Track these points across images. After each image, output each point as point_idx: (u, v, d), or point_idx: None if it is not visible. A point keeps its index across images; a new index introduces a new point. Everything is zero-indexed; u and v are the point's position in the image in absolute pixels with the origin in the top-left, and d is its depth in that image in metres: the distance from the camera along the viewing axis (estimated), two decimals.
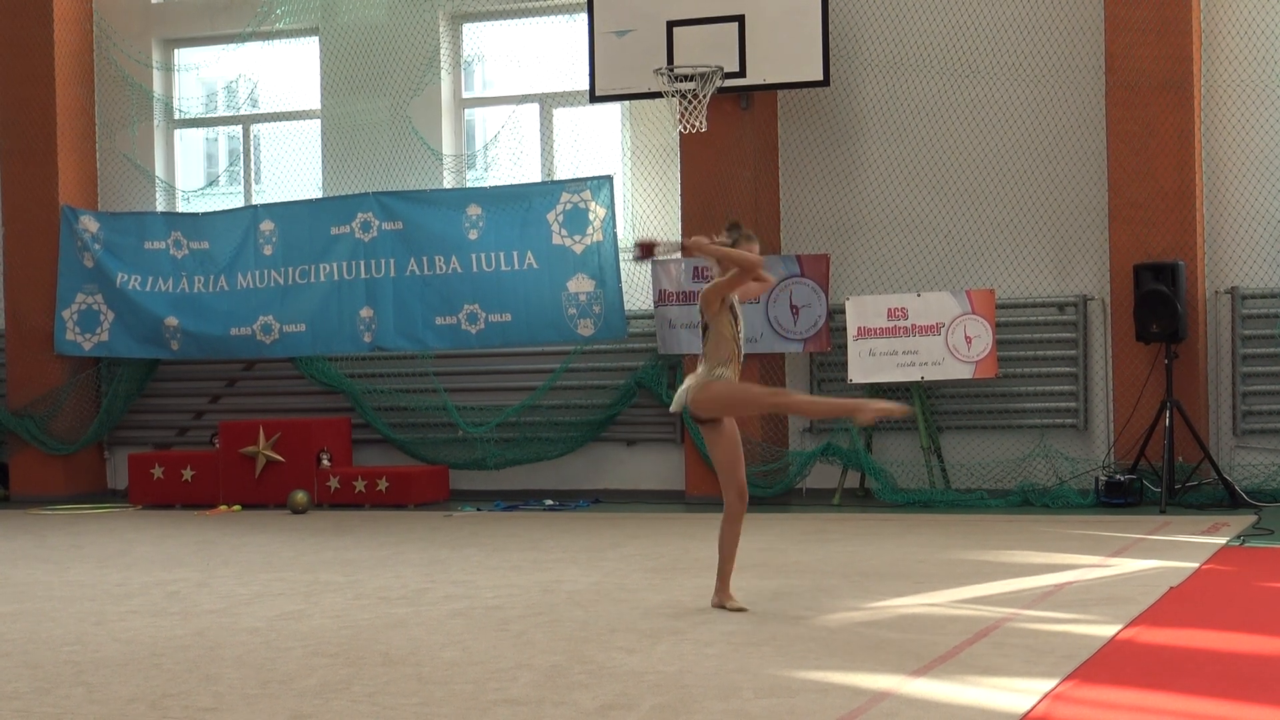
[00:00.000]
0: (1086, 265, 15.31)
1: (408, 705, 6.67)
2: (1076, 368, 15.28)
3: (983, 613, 8.65)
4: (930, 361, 15.02)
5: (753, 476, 15.42)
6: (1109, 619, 8.26)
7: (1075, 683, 6.77)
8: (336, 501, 16.21)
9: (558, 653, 7.77)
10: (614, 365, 16.56)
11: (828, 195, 15.99)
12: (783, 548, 11.95)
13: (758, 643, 7.91)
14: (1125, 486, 14.15)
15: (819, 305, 15.41)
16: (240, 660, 7.80)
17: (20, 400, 18.00)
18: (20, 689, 7.22)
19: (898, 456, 15.53)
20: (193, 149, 19.36)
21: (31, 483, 18.00)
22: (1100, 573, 10.09)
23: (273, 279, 17.07)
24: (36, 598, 10.16)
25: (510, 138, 17.40)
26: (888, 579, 10.04)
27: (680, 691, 6.77)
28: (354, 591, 10.12)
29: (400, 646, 8.06)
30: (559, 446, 16.53)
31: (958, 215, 15.64)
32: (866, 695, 6.58)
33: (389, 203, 16.69)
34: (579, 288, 16.02)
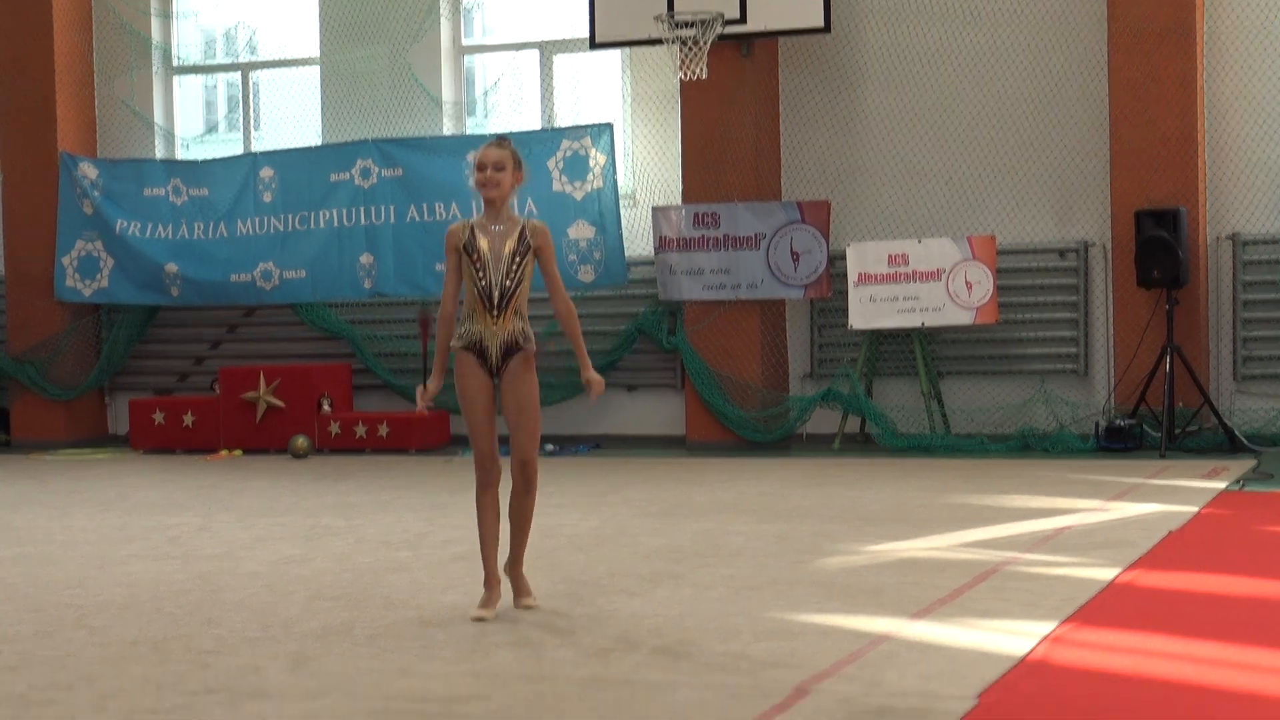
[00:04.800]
0: (1088, 211, 15.28)
1: (409, 648, 6.70)
2: (1077, 313, 15.27)
3: (982, 557, 8.67)
4: (931, 307, 15.01)
5: (754, 422, 15.45)
6: (1108, 563, 8.29)
7: (1074, 625, 6.79)
8: (337, 447, 16.23)
9: (558, 596, 7.79)
10: (615, 311, 16.54)
11: (829, 142, 15.95)
12: (783, 492, 11.97)
13: (758, 586, 7.94)
14: (1125, 431, 14.16)
15: (819, 251, 15.39)
16: (241, 604, 7.83)
17: (21, 346, 18.00)
18: (22, 632, 7.25)
19: (898, 402, 15.54)
20: (192, 96, 19.29)
21: (32, 428, 18.01)
22: (1100, 517, 10.11)
23: (272, 226, 17.05)
24: (38, 542, 10.18)
25: (510, 84, 17.34)
26: (888, 523, 10.07)
27: (680, 634, 6.80)
28: (355, 536, 10.14)
29: (401, 590, 8.09)
30: (559, 392, 16.52)
31: (959, 161, 15.60)
32: (866, 638, 6.60)
33: (389, 150, 16.65)
34: (579, 234, 15.99)
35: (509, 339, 7.40)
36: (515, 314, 7.42)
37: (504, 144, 7.53)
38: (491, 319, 7.38)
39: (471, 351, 7.42)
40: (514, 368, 7.40)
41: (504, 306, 7.38)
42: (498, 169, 7.41)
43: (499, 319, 7.38)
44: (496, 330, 7.39)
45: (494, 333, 7.39)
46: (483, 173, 7.38)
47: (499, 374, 7.42)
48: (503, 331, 7.39)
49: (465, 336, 7.43)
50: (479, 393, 7.40)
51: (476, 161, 7.42)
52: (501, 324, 7.39)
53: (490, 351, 7.40)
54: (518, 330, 7.42)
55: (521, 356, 7.41)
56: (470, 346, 7.42)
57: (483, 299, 7.39)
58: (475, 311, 7.42)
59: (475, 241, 7.41)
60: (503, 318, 7.38)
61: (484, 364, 7.41)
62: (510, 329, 7.40)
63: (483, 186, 7.40)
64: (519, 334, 7.43)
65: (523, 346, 7.42)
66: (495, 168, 7.40)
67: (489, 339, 7.40)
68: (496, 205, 7.43)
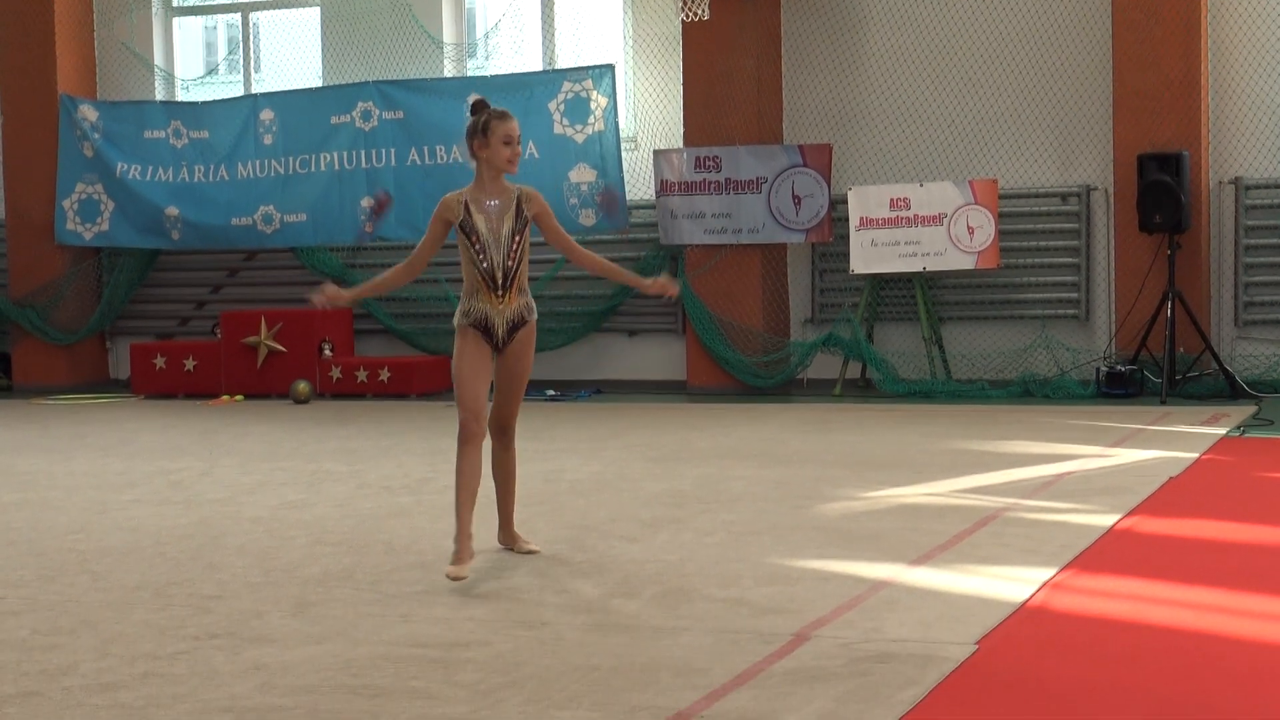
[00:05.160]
0: (1090, 155, 15.24)
1: (410, 593, 6.72)
2: (1079, 258, 15.24)
3: (982, 503, 8.69)
4: (932, 252, 14.99)
5: (755, 367, 15.46)
6: (1108, 509, 8.30)
7: (1074, 572, 6.81)
8: (339, 391, 16.24)
9: (559, 541, 7.81)
10: (615, 255, 16.45)
11: (830, 84, 15.89)
12: (784, 438, 11.99)
13: (758, 531, 7.95)
14: (1126, 377, 14.16)
15: (821, 195, 15.36)
16: (243, 549, 7.85)
17: (21, 290, 17.99)
18: (26, 577, 7.27)
19: (899, 347, 15.53)
20: (191, 37, 19.22)
21: (34, 373, 18.02)
22: (1100, 463, 10.13)
23: (273, 168, 17.01)
24: (40, 487, 10.20)
25: (511, 26, 17.27)
26: (888, 469, 10.08)
27: (681, 580, 6.82)
28: (356, 481, 10.16)
29: (402, 535, 8.11)
30: (560, 337, 16.53)
31: (961, 105, 15.55)
32: (866, 584, 6.62)
33: (389, 92, 16.60)
34: (580, 178, 15.96)
35: (515, 316, 7.30)
36: (519, 290, 7.32)
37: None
38: (497, 299, 7.25)
39: (477, 328, 7.27)
40: (520, 341, 7.32)
41: (509, 286, 7.25)
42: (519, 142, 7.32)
43: (505, 298, 7.26)
44: (503, 309, 7.26)
45: (500, 311, 7.26)
46: (513, 146, 7.23)
47: (503, 348, 7.32)
48: (509, 309, 7.28)
49: (471, 314, 7.27)
50: (477, 359, 7.27)
51: (506, 134, 7.19)
52: (508, 302, 7.27)
53: (497, 329, 7.27)
54: (523, 305, 7.33)
55: (526, 331, 7.34)
56: (476, 325, 7.27)
57: (486, 281, 7.25)
58: (479, 291, 7.27)
59: (473, 221, 7.24)
60: (508, 296, 7.26)
61: (489, 339, 7.28)
62: (516, 306, 7.29)
63: (512, 163, 7.25)
64: (524, 308, 7.33)
65: (528, 320, 7.35)
66: (519, 141, 7.30)
67: (495, 318, 7.26)
68: (498, 175, 7.28)
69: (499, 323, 7.26)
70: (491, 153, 7.20)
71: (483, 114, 7.25)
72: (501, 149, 7.19)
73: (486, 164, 7.23)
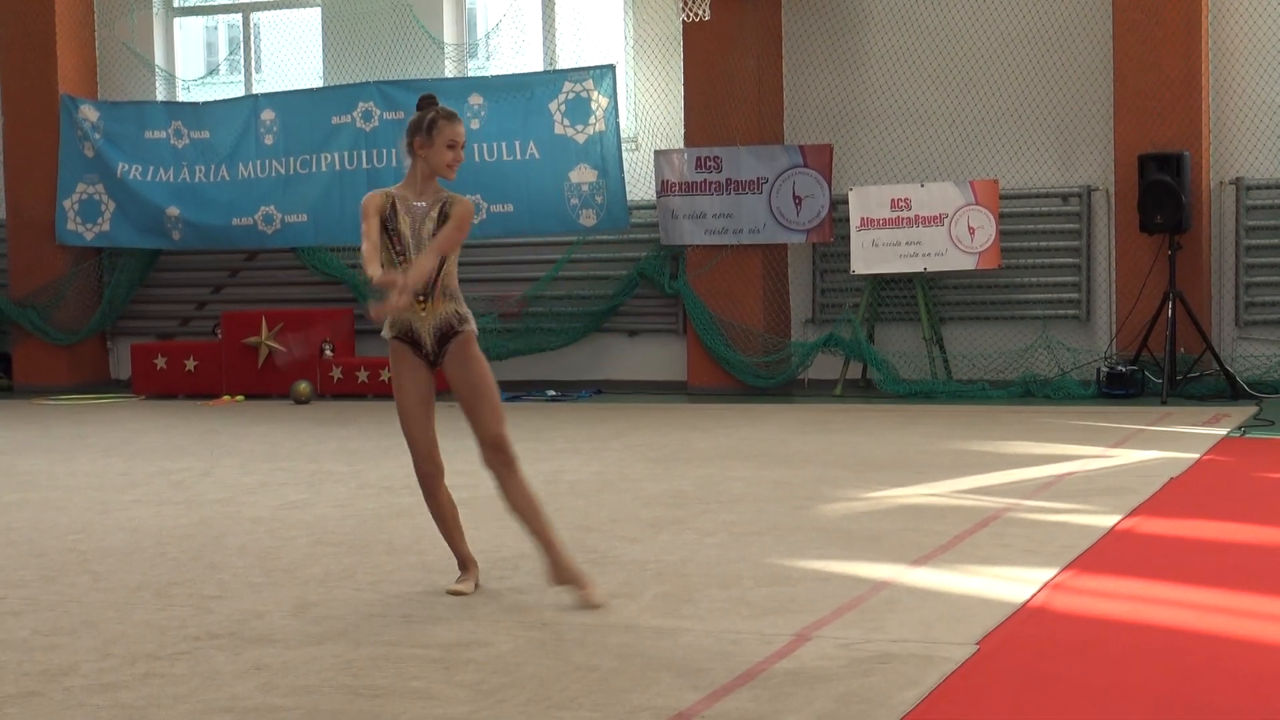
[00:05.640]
0: (1091, 155, 15.24)
1: (411, 594, 6.72)
2: (1080, 259, 15.24)
3: (983, 503, 8.68)
4: (933, 252, 14.99)
5: (755, 367, 15.46)
6: (1109, 509, 8.30)
7: (1074, 572, 6.81)
8: (339, 392, 16.25)
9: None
10: (616, 256, 16.52)
11: (831, 85, 15.89)
12: (784, 438, 11.99)
13: (759, 532, 7.95)
14: (1127, 377, 14.16)
15: (822, 195, 15.36)
16: (244, 549, 7.85)
17: (22, 290, 17.99)
18: (27, 577, 7.27)
19: (900, 347, 15.53)
20: (192, 37, 19.23)
21: (34, 373, 18.02)
22: (1101, 463, 10.13)
23: (274, 169, 17.01)
24: (41, 487, 10.20)
25: (512, 26, 17.27)
26: (889, 469, 10.08)
27: (682, 580, 6.82)
28: (357, 481, 10.16)
29: (403, 536, 8.11)
30: (561, 337, 16.53)
31: (962, 105, 15.55)
32: (867, 584, 6.62)
33: (390, 92, 16.60)
34: (581, 178, 15.96)
35: (441, 324, 6.67)
36: (445, 296, 6.68)
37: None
38: (419, 305, 6.63)
39: (404, 341, 6.69)
40: (454, 354, 6.69)
41: (430, 292, 6.62)
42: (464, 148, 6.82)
43: (427, 304, 6.64)
44: (427, 317, 6.65)
45: (424, 320, 6.65)
46: (456, 151, 6.73)
47: (438, 362, 6.72)
48: (433, 317, 6.66)
49: (396, 324, 6.69)
50: (413, 384, 6.72)
51: (451, 138, 6.68)
52: (431, 309, 6.65)
53: (424, 340, 6.68)
54: (450, 314, 6.69)
55: (460, 342, 6.69)
56: (402, 335, 6.69)
57: None
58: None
59: (397, 221, 6.69)
60: (431, 302, 6.64)
61: (419, 353, 6.70)
62: (441, 313, 6.67)
63: (452, 168, 6.72)
64: (452, 317, 6.69)
65: (459, 330, 6.69)
66: (463, 147, 6.80)
67: (420, 327, 6.66)
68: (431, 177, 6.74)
69: (424, 332, 6.67)
70: (433, 154, 6.68)
71: (430, 111, 6.77)
72: (444, 152, 6.68)
73: (424, 164, 6.71)
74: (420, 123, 6.74)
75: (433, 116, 6.73)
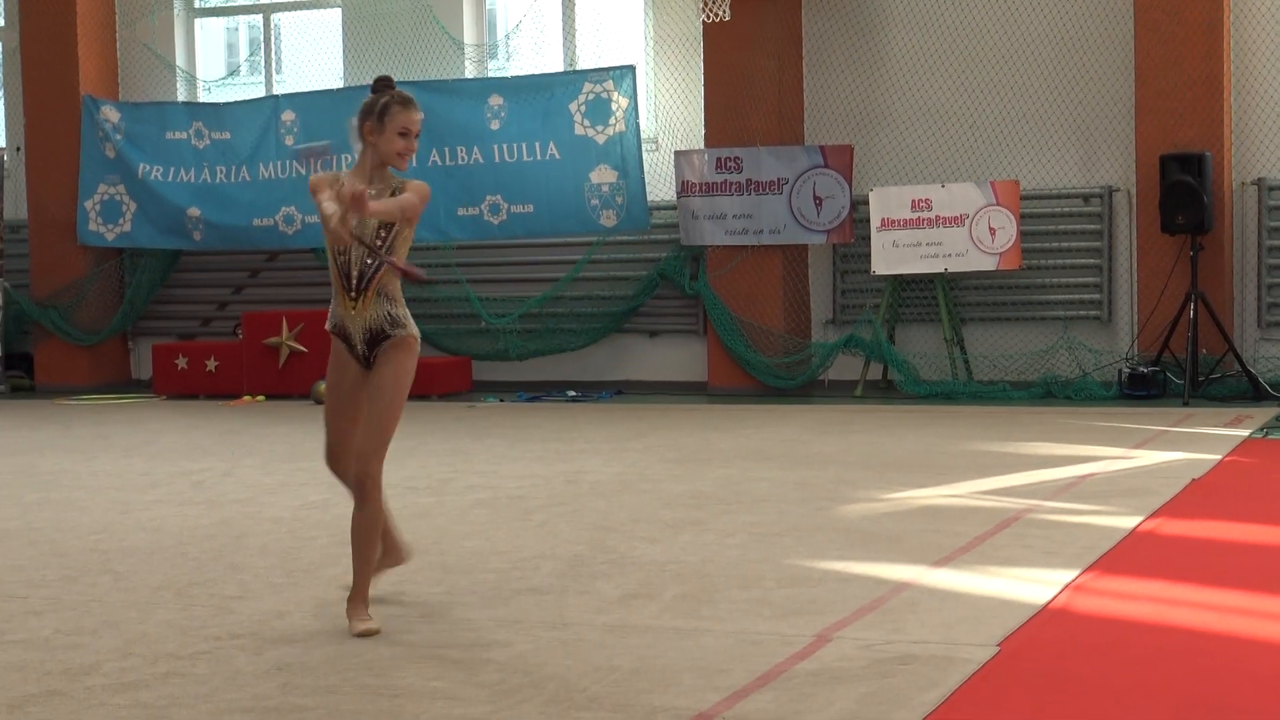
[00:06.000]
0: (1112, 156, 15.20)
1: (432, 594, 6.72)
2: (1101, 259, 15.21)
3: (1004, 504, 8.67)
4: (954, 253, 14.96)
5: (776, 368, 15.44)
6: (1130, 511, 8.28)
7: (1096, 574, 6.79)
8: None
9: (580, 542, 7.81)
10: (636, 256, 16.52)
11: (852, 85, 15.88)
12: (805, 439, 11.98)
13: (779, 533, 7.95)
14: (1148, 379, 14.13)
15: (842, 196, 15.34)
16: (265, 549, 7.86)
17: (44, 291, 18.04)
18: (49, 577, 7.29)
19: (920, 348, 15.51)
20: (213, 38, 19.26)
21: (56, 373, 18.07)
22: (1122, 465, 10.10)
23: (294, 169, 17.03)
24: (64, 487, 10.23)
25: (532, 27, 17.28)
26: (909, 470, 10.07)
27: (702, 581, 6.81)
28: None
29: (424, 536, 8.11)
30: (581, 338, 16.54)
31: (983, 105, 15.52)
32: (888, 585, 6.61)
33: (411, 92, 16.58)
34: (601, 178, 15.96)
35: (372, 326, 6.18)
36: (380, 297, 6.19)
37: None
38: (350, 301, 6.19)
39: (339, 337, 6.27)
40: (382, 362, 6.20)
41: (363, 289, 6.16)
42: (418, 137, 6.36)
43: (358, 303, 6.18)
44: (356, 315, 6.18)
45: (354, 319, 6.19)
46: (408, 140, 6.26)
47: (370, 365, 6.23)
48: (363, 318, 6.17)
49: (332, 319, 6.29)
50: (340, 382, 6.28)
51: (404, 125, 6.22)
52: (361, 308, 6.18)
53: (355, 340, 6.22)
54: (382, 316, 6.19)
55: (391, 347, 6.19)
56: (337, 332, 6.27)
57: (341, 278, 6.20)
58: (337, 292, 6.23)
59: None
60: (362, 301, 6.17)
61: (352, 354, 6.25)
62: (372, 315, 6.18)
63: (403, 158, 6.27)
64: (384, 320, 6.19)
65: (391, 334, 6.19)
66: (418, 136, 6.33)
67: (350, 326, 6.21)
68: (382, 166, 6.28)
69: (355, 332, 6.19)
70: (383, 141, 6.20)
71: (384, 95, 6.26)
72: (395, 140, 6.20)
73: (374, 152, 6.23)
74: (373, 107, 6.24)
75: (386, 101, 6.24)
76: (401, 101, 6.24)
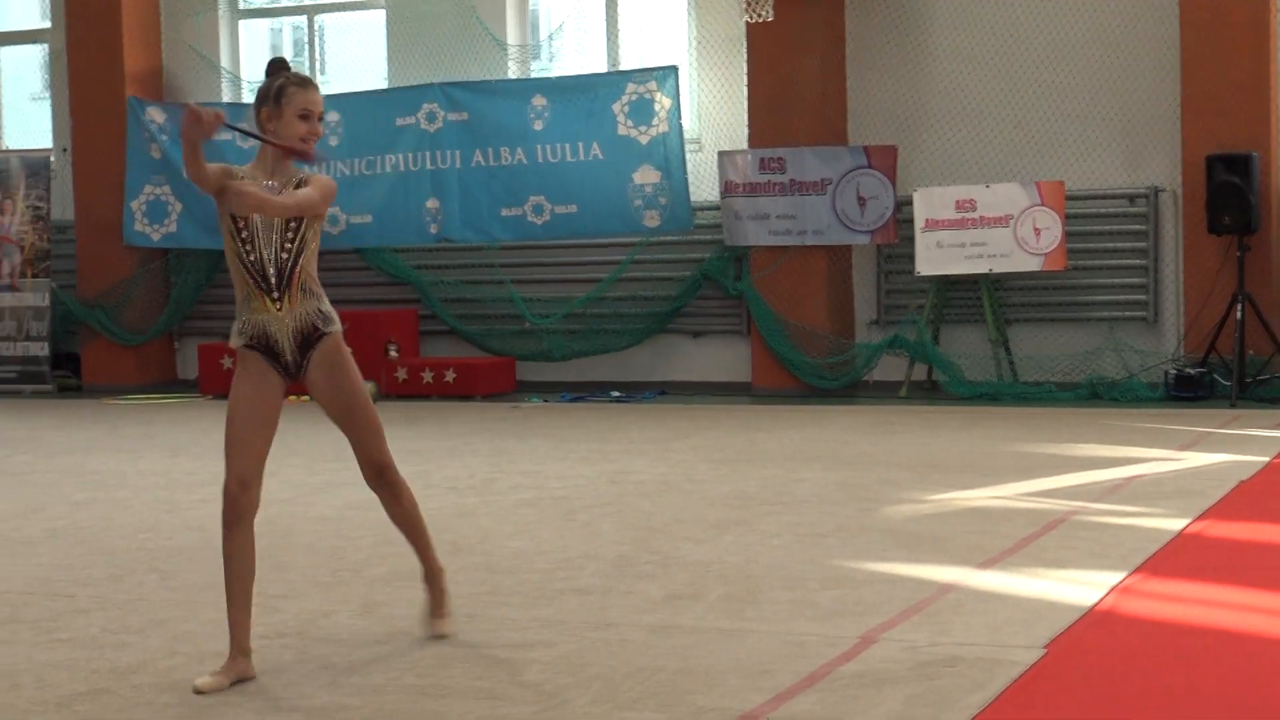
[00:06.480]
0: (1158, 156, 15.12)
1: (476, 594, 6.73)
2: (1147, 260, 15.13)
3: (1050, 506, 8.64)
4: (999, 254, 14.90)
5: (820, 368, 15.42)
6: (1177, 513, 8.24)
7: (1143, 576, 6.76)
8: (404, 393, 16.29)
9: (625, 543, 7.82)
10: (680, 257, 16.50)
11: (895, 85, 15.83)
12: (849, 439, 11.95)
13: (824, 534, 7.93)
14: (1195, 380, 14.05)
15: (886, 197, 15.31)
16: (311, 548, 7.89)
17: (90, 291, 18.14)
18: (95, 576, 7.33)
19: (965, 349, 15.45)
20: (257, 39, 19.33)
21: (102, 373, 18.17)
22: (1169, 466, 10.05)
23: (339, 170, 17.08)
24: (110, 486, 10.28)
25: (575, 27, 17.30)
26: (954, 471, 10.04)
27: (746, 582, 6.81)
28: (422, 482, 10.18)
29: (469, 536, 8.13)
30: (625, 338, 16.54)
31: (1027, 105, 15.46)
32: (932, 587, 6.59)
33: (454, 94, 16.64)
34: (645, 179, 15.96)
35: (302, 325, 5.72)
36: (305, 292, 5.72)
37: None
38: (274, 303, 5.67)
39: (257, 349, 5.71)
40: (319, 360, 5.74)
41: (286, 285, 5.68)
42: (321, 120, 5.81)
43: (282, 301, 5.68)
44: (283, 316, 5.69)
45: (280, 320, 5.69)
46: (310, 123, 5.73)
47: (300, 373, 5.77)
48: (291, 317, 5.69)
49: (247, 329, 5.72)
50: (252, 399, 5.72)
51: (304, 106, 5.70)
52: (288, 308, 5.69)
53: (282, 346, 5.72)
54: (312, 313, 5.74)
55: (326, 347, 5.76)
56: (255, 343, 5.72)
57: (256, 280, 5.69)
58: (252, 296, 5.71)
59: None
60: (287, 299, 5.68)
61: (276, 364, 5.73)
62: (301, 313, 5.71)
63: (307, 143, 5.74)
64: (314, 316, 5.75)
65: (325, 331, 5.76)
66: (320, 118, 5.81)
67: (276, 330, 5.70)
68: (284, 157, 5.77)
69: (282, 337, 5.71)
70: (283, 126, 5.68)
71: (279, 77, 5.77)
72: (296, 123, 5.68)
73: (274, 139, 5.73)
74: (268, 91, 5.74)
75: (281, 83, 5.73)
76: (299, 82, 5.74)
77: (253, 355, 5.70)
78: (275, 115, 5.68)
